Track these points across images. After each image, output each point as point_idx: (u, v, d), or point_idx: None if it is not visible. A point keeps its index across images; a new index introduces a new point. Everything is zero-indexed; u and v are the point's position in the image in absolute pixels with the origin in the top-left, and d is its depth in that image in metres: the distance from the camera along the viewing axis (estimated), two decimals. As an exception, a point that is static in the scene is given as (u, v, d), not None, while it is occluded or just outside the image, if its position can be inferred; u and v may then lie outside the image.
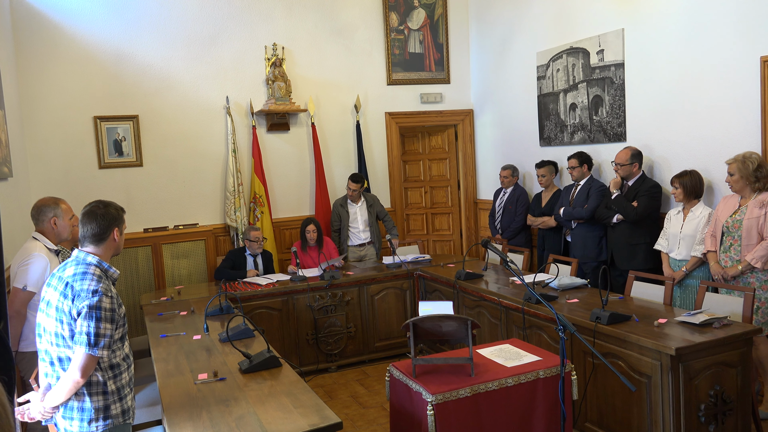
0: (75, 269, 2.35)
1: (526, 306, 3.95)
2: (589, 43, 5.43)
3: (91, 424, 2.35)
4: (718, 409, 3.06)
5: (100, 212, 2.43)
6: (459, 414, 2.76)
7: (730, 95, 4.24)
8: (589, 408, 3.51)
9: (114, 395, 2.39)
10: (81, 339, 2.25)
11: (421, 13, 6.96)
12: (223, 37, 6.09)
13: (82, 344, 2.25)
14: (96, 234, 2.41)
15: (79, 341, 2.26)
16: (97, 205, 2.46)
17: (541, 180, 5.78)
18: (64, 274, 2.35)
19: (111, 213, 2.46)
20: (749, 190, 3.85)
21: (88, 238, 2.41)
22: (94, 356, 2.27)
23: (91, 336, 2.25)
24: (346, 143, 6.72)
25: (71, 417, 2.34)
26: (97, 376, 2.35)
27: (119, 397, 2.41)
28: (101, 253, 2.42)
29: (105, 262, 2.42)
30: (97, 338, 2.26)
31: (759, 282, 3.72)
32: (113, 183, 5.72)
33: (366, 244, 6.08)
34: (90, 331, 2.25)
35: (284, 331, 5.04)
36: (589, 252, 5.09)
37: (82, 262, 2.38)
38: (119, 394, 2.41)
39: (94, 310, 2.26)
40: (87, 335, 2.25)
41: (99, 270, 2.37)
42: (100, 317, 2.27)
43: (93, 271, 2.34)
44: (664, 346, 2.97)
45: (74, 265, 2.37)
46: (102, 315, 2.27)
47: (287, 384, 2.82)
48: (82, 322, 2.26)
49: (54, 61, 5.49)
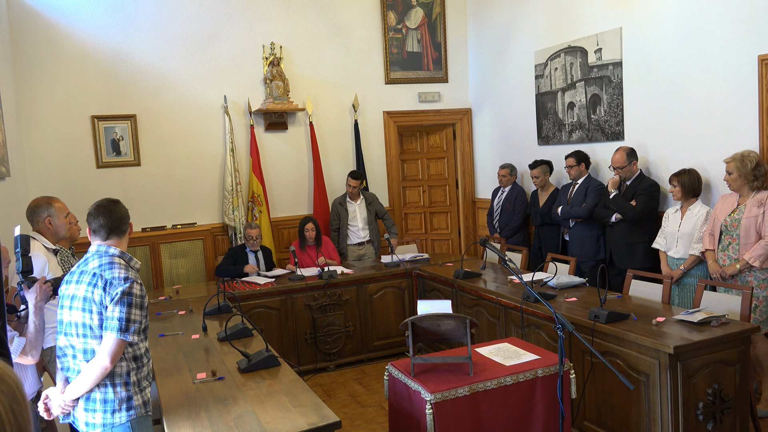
0: (100, 261, 2.35)
1: (525, 305, 3.95)
2: (587, 42, 5.43)
3: (115, 414, 2.32)
4: (716, 408, 3.07)
5: (113, 206, 2.43)
6: (458, 413, 2.76)
7: (728, 94, 4.25)
8: (588, 407, 3.51)
9: (136, 386, 2.37)
10: (112, 324, 2.26)
11: (419, 12, 6.95)
12: (221, 36, 6.08)
13: (114, 329, 2.25)
14: (114, 226, 2.39)
15: (110, 327, 2.26)
16: (108, 200, 2.46)
17: (536, 181, 5.75)
18: (88, 268, 2.35)
19: (123, 208, 2.47)
20: (747, 188, 3.85)
21: (105, 229, 2.38)
22: (124, 341, 2.28)
23: (123, 321, 2.26)
24: (344, 142, 6.72)
25: (93, 409, 2.32)
26: (121, 365, 2.33)
27: (140, 388, 2.39)
28: (120, 245, 2.43)
29: (126, 253, 2.43)
30: (128, 323, 2.27)
31: (757, 280, 3.73)
32: (111, 182, 5.71)
33: (365, 243, 6.07)
34: (122, 316, 2.26)
35: (283, 331, 5.04)
36: (588, 251, 5.09)
37: (104, 254, 2.37)
38: (140, 386, 2.39)
39: (126, 296, 2.27)
40: (119, 320, 2.25)
41: (123, 260, 2.38)
42: (132, 303, 2.28)
43: (118, 262, 2.35)
44: (662, 345, 2.97)
45: (97, 258, 2.36)
46: (134, 301, 2.29)
47: (286, 383, 2.82)
48: (113, 308, 2.26)
49: (51, 60, 5.48)
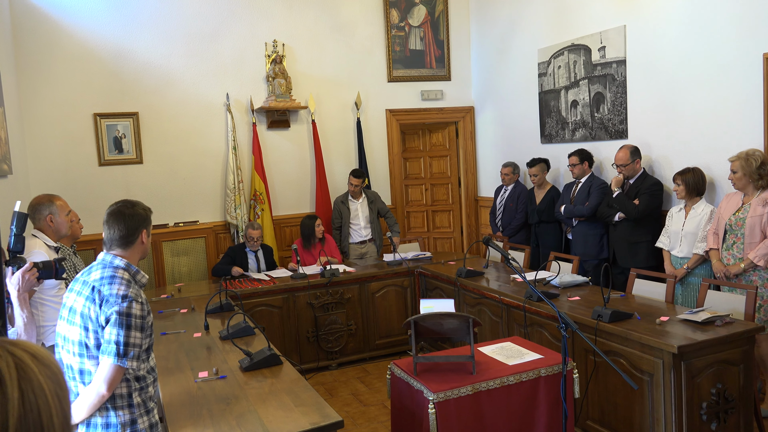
0: (102, 273, 2.17)
1: (528, 304, 3.94)
2: (590, 39, 5.41)
3: None
4: (720, 408, 3.05)
5: (128, 212, 2.25)
6: (460, 412, 2.75)
7: (733, 92, 4.22)
8: (591, 406, 3.50)
9: (140, 408, 2.18)
10: (109, 348, 2.05)
11: (421, 10, 6.93)
12: (223, 34, 6.07)
13: (110, 354, 2.04)
14: (123, 236, 2.22)
15: (106, 351, 2.05)
16: (124, 204, 2.27)
17: (534, 179, 5.74)
18: (90, 278, 2.16)
19: (139, 213, 2.27)
20: (752, 187, 3.83)
21: (115, 241, 2.22)
22: (122, 368, 2.07)
23: (120, 345, 2.05)
24: (346, 140, 6.71)
25: None
26: (122, 388, 2.13)
27: (146, 410, 2.20)
28: (129, 256, 2.25)
29: (133, 266, 2.25)
30: (126, 348, 2.06)
31: (761, 280, 3.71)
32: (113, 180, 5.71)
33: (367, 242, 6.06)
34: (119, 340, 2.05)
35: (285, 329, 5.03)
36: (591, 250, 5.07)
37: (109, 265, 2.20)
38: (146, 407, 2.20)
39: (123, 317, 2.06)
40: (116, 344, 2.05)
41: (127, 274, 2.20)
42: (131, 325, 2.08)
43: (121, 275, 2.17)
44: (666, 344, 2.96)
45: (101, 268, 2.19)
46: (132, 323, 2.08)
47: (288, 382, 2.82)
48: (110, 330, 2.06)
49: (53, 58, 5.47)
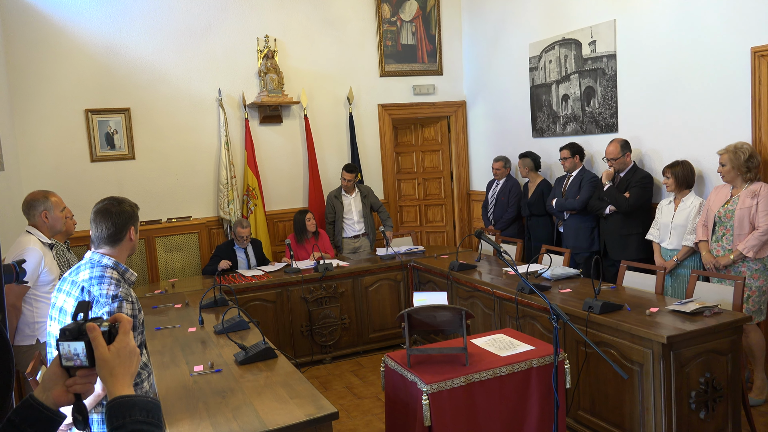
0: (91, 272, 2.17)
1: (520, 296, 3.98)
2: (581, 34, 5.44)
3: None
4: (708, 396, 3.10)
5: (115, 210, 2.24)
6: (453, 403, 2.78)
7: (721, 86, 4.27)
8: (582, 396, 3.54)
9: None
10: None
11: (413, 5, 6.94)
12: (215, 29, 6.05)
13: None
14: (111, 234, 2.22)
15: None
16: (111, 202, 2.26)
17: (523, 171, 5.88)
18: (78, 278, 2.17)
19: (126, 211, 2.27)
20: (741, 180, 3.88)
21: (103, 239, 2.22)
22: None
23: None
24: (339, 135, 6.71)
25: None
26: None
27: None
28: (117, 254, 2.25)
29: (122, 264, 2.25)
30: None
31: (750, 271, 3.77)
32: (105, 176, 5.69)
33: (360, 236, 6.09)
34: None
35: (279, 323, 5.05)
36: (582, 242, 5.12)
37: (97, 264, 2.20)
38: None
39: None
40: None
41: (116, 273, 2.20)
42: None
43: (110, 275, 2.17)
44: (655, 335, 3.00)
45: (89, 267, 2.19)
46: None
47: (283, 375, 2.84)
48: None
49: (44, 53, 5.44)
